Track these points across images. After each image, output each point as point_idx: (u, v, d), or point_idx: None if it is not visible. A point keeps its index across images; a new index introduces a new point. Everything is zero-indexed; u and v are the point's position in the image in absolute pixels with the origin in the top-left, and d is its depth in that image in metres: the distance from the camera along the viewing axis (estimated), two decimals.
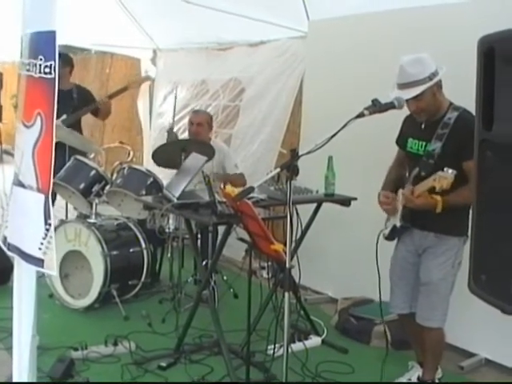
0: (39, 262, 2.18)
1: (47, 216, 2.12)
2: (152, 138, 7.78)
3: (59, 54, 2.10)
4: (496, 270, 1.51)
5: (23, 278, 2.43)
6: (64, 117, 5.53)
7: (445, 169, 2.98)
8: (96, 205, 5.00)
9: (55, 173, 4.98)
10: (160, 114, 7.67)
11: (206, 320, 4.18)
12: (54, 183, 5.06)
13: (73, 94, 5.69)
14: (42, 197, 2.14)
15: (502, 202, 1.49)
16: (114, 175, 5.27)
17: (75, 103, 5.62)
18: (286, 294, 2.88)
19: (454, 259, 3.35)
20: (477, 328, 4.06)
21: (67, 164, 5.11)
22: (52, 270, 2.18)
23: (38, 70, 2.07)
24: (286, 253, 2.90)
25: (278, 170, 2.95)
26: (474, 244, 1.61)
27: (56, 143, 2.17)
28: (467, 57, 1.95)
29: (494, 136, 1.51)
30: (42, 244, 2.13)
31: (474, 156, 1.57)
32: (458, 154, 3.14)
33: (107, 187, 5.06)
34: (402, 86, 3.20)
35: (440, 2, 4.21)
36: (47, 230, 2.11)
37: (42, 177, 2.13)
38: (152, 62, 7.83)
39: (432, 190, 3.10)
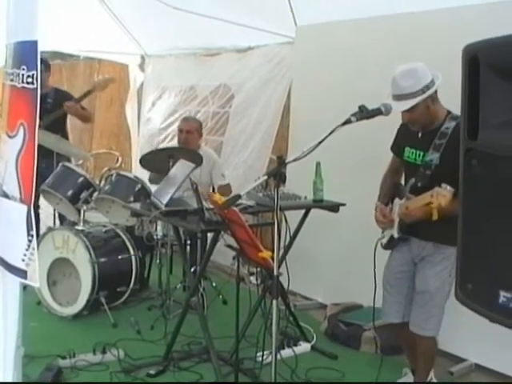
0: (22, 274, 2.16)
1: (30, 227, 2.10)
2: (140, 144, 7.75)
3: (41, 60, 2.09)
4: (482, 279, 1.51)
5: (8, 289, 2.41)
6: None
7: (442, 185, 2.93)
8: (84, 212, 4.98)
9: (43, 180, 4.97)
10: (148, 120, 7.65)
11: (195, 327, 4.16)
12: (41, 190, 5.04)
13: (47, 98, 5.62)
14: (24, 207, 2.12)
15: (487, 210, 1.49)
16: (103, 182, 5.25)
17: (48, 107, 5.55)
18: (274, 302, 2.87)
19: (450, 268, 3.29)
20: (466, 333, 4.06)
21: (55, 171, 5.08)
22: (35, 281, 2.16)
23: (20, 80, 2.05)
24: (273, 260, 2.89)
25: (265, 177, 2.94)
26: (461, 253, 1.60)
27: (44, 150, 2.16)
28: (454, 64, 1.94)
29: (478, 145, 1.51)
30: (24, 255, 2.11)
31: (460, 165, 1.57)
32: (456, 165, 3.09)
33: (95, 194, 5.04)
34: (396, 97, 3.18)
35: (427, 9, 4.23)
36: (29, 241, 2.09)
37: (25, 187, 2.11)
38: (140, 67, 7.83)
39: (427, 205, 3.07)
